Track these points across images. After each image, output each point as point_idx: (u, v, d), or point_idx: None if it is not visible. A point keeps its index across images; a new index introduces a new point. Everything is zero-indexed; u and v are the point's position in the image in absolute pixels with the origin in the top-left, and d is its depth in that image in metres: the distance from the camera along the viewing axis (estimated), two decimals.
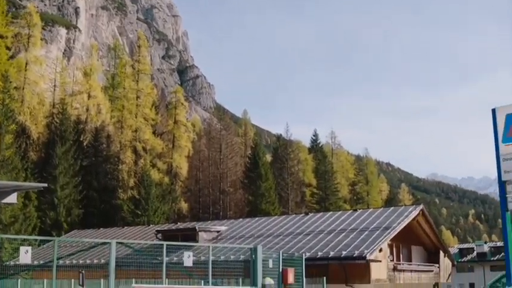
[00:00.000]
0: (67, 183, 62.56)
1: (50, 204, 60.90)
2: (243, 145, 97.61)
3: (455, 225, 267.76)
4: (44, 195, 60.12)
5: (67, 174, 62.61)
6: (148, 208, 65.12)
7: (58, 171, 61.44)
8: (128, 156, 71.44)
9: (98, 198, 67.99)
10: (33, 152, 66.96)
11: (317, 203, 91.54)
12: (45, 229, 58.55)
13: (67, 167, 62.75)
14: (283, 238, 37.79)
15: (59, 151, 61.76)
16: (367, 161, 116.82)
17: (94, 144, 71.65)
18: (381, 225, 36.22)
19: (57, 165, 61.33)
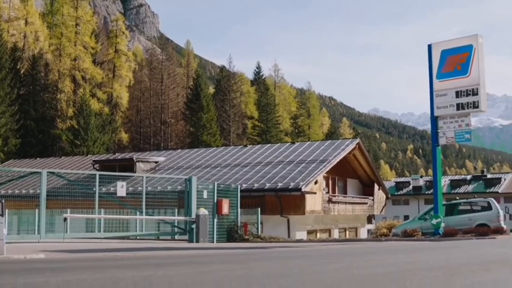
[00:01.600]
0: (3, 112, 60.96)
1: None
2: (185, 76, 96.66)
3: (394, 160, 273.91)
4: None
5: (3, 103, 60.94)
6: (87, 138, 64.28)
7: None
8: (67, 86, 69.80)
9: (36, 127, 66.58)
10: None
11: (259, 135, 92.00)
12: None
13: (3, 95, 61.02)
14: (221, 169, 37.98)
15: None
16: (309, 94, 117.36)
17: (31, 72, 69.65)
18: (318, 158, 36.70)
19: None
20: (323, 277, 6.44)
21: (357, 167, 41.71)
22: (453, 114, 25.02)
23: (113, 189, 29.90)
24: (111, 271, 7.67)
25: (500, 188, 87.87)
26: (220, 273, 7.18)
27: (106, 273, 7.48)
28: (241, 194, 30.09)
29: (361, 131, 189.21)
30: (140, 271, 7.42)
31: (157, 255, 12.53)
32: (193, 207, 24.80)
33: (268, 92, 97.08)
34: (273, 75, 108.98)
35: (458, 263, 8.76)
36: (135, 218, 24.80)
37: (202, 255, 12.20)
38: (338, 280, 5.86)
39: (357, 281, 5.83)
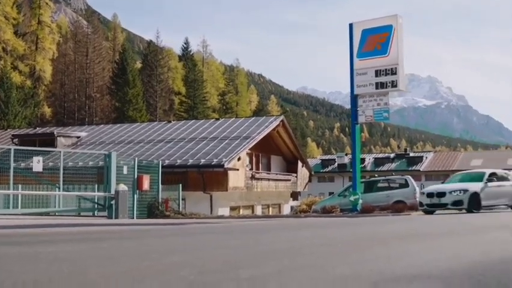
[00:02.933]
0: None
1: None
2: (111, 50, 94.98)
3: (321, 138, 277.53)
4: None
5: None
6: (8, 112, 62.54)
7: None
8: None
9: None
10: None
11: (186, 111, 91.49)
12: None
13: None
14: (144, 145, 37.60)
15: None
16: (238, 71, 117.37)
17: None
18: (242, 135, 36.78)
19: None
20: (222, 252, 6.42)
21: (281, 144, 42.03)
22: (372, 93, 25.42)
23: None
24: None
25: (421, 166, 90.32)
26: (113, 249, 7.08)
27: None
28: (164, 170, 29.86)
29: (289, 108, 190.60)
30: (32, 247, 7.24)
31: (65, 231, 12.29)
32: (112, 183, 24.43)
33: (196, 68, 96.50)
34: (201, 51, 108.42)
35: (360, 238, 8.92)
36: (52, 193, 24.29)
37: (111, 232, 12.04)
38: (236, 256, 5.85)
39: (255, 255, 5.83)
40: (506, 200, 23.36)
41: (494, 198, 22.68)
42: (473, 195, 21.71)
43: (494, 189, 22.72)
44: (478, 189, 22.03)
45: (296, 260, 5.41)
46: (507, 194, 23.23)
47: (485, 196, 22.08)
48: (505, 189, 23.25)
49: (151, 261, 5.19)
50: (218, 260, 5.34)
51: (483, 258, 5.53)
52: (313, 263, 5.14)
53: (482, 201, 21.85)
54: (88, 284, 3.93)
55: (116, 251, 6.70)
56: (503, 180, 23.77)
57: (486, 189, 22.27)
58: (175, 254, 6.17)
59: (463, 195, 21.65)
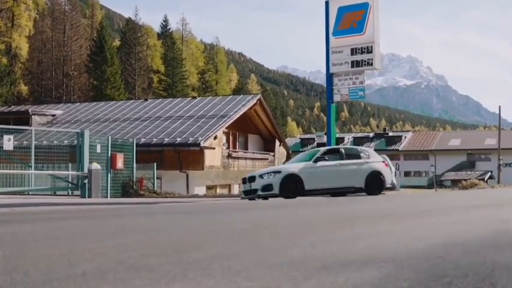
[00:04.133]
0: None
1: None
2: (89, 27, 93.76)
3: (301, 117, 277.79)
4: None
5: None
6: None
7: None
8: None
9: None
10: None
11: (164, 90, 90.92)
12: None
13: None
14: (120, 124, 37.27)
15: None
16: (217, 50, 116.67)
17: None
18: (218, 114, 36.56)
19: None
20: (176, 234, 6.27)
21: (259, 123, 41.88)
22: (348, 71, 25.30)
23: None
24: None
25: (400, 145, 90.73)
26: (61, 230, 6.89)
27: None
28: (140, 149, 29.68)
29: (269, 87, 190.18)
30: None
31: (28, 211, 12.05)
32: (85, 162, 24.16)
33: (175, 46, 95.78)
34: (180, 29, 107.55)
35: (323, 219, 8.79)
36: (24, 172, 23.96)
37: (73, 211, 11.83)
38: (188, 238, 5.68)
39: (207, 237, 5.66)
40: (353, 181, 19.53)
41: (330, 180, 19.01)
42: (288, 177, 18.36)
43: (330, 169, 19.20)
44: (297, 170, 18.72)
45: (248, 242, 5.25)
46: (353, 173, 19.56)
47: (312, 178, 18.61)
48: (350, 168, 19.61)
49: (97, 243, 5.01)
50: (167, 242, 5.18)
51: (446, 240, 5.40)
52: (264, 246, 4.98)
53: (306, 185, 18.49)
54: (18, 267, 3.72)
55: (64, 231, 6.51)
56: (354, 158, 20.12)
57: (313, 170, 18.84)
58: (126, 235, 5.99)
59: (273, 178, 18.34)
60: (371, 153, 21.15)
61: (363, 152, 21.05)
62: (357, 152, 20.90)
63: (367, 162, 20.08)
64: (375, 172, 19.87)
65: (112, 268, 3.70)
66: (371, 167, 19.97)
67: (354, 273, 3.62)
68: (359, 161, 20.06)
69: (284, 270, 3.67)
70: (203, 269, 3.69)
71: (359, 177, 19.61)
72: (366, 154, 20.70)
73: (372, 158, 20.63)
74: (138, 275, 3.48)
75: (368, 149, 22.22)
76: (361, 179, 19.61)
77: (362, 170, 19.74)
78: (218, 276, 3.45)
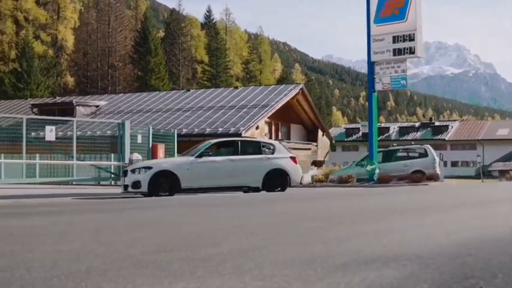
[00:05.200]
0: None
1: None
2: (133, 18, 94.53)
3: (347, 107, 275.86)
4: None
5: None
6: (30, 82, 62.82)
7: None
8: (9, 27, 67.62)
9: None
10: None
11: (208, 80, 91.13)
12: None
13: None
14: (162, 114, 37.39)
15: None
16: (261, 39, 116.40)
17: None
18: (260, 103, 36.36)
19: None
20: (192, 228, 6.09)
21: (301, 113, 41.55)
22: (389, 59, 24.81)
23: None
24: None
25: (447, 135, 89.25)
26: (92, 222, 6.80)
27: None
28: (181, 139, 29.70)
29: (314, 77, 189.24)
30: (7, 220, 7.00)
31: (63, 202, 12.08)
32: (126, 152, 24.19)
33: (218, 37, 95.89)
34: (224, 19, 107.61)
35: (359, 210, 8.53)
36: (65, 163, 24.19)
37: (101, 203, 11.81)
38: (203, 232, 5.50)
39: (223, 232, 5.48)
40: (247, 179, 17.34)
41: (215, 177, 16.81)
42: (159, 174, 16.26)
43: (215, 165, 16.95)
44: (172, 166, 16.67)
45: (268, 237, 5.06)
46: (247, 171, 17.22)
47: (192, 175, 16.42)
48: (244, 164, 17.25)
49: (113, 237, 4.89)
50: (184, 237, 5.02)
51: (480, 235, 5.12)
52: (285, 241, 4.77)
53: (182, 183, 16.34)
54: (22, 263, 3.60)
55: (84, 224, 6.42)
56: (253, 153, 17.72)
57: (193, 167, 16.56)
58: (145, 228, 5.86)
59: (143, 174, 16.26)
60: (277, 148, 18.45)
61: (267, 146, 18.35)
62: (258, 146, 18.21)
63: (268, 158, 17.68)
64: (278, 170, 17.58)
65: (119, 264, 3.57)
66: (273, 163, 17.64)
67: (373, 273, 3.40)
68: (258, 156, 17.62)
69: (299, 269, 3.47)
70: (213, 266, 3.53)
71: (255, 175, 17.26)
72: (270, 149, 18.10)
73: (278, 153, 18.07)
74: (143, 272, 3.32)
75: (276, 143, 19.15)
76: (258, 177, 17.28)
77: (260, 167, 17.41)
78: (227, 275, 3.27)
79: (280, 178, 17.61)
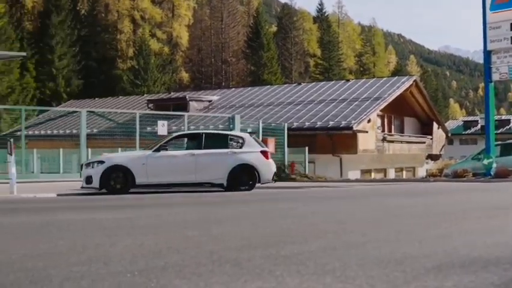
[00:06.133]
0: (64, 54, 61.87)
1: (49, 75, 60.49)
2: (246, 14, 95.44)
3: (465, 98, 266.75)
4: (43, 65, 59.68)
5: (64, 44, 61.76)
6: (147, 78, 64.76)
7: (55, 41, 60.56)
8: (127, 26, 70.06)
9: (97, 68, 67.44)
10: (28, 22, 65.68)
11: (321, 73, 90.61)
12: (45, 100, 58.49)
13: (64, 36, 61.77)
14: (273, 108, 37.43)
15: (54, 20, 60.53)
16: (374, 31, 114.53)
17: (91, 13, 70.14)
18: (372, 96, 35.67)
19: (54, 35, 60.35)
20: (287, 223, 5.91)
21: (415, 105, 40.38)
22: (507, 48, 23.49)
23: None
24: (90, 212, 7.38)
25: None
26: (185, 215, 6.76)
27: (87, 214, 7.17)
28: (292, 133, 29.65)
29: (430, 69, 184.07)
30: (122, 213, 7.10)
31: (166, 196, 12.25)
32: None
33: (330, 30, 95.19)
34: (336, 12, 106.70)
35: (464, 208, 8.06)
36: None
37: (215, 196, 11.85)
38: (296, 228, 5.31)
39: (314, 229, 5.27)
40: (209, 175, 15.76)
41: (174, 173, 15.38)
42: (112, 169, 14.98)
43: (174, 160, 15.58)
44: (125, 160, 15.33)
45: (364, 233, 4.80)
46: (210, 166, 15.69)
47: (147, 171, 15.11)
48: (206, 159, 15.72)
49: (200, 231, 4.80)
50: (272, 232, 4.86)
51: None
52: (379, 238, 4.50)
53: (137, 178, 15.03)
54: (103, 257, 3.57)
55: (176, 217, 6.38)
56: (219, 146, 16.08)
57: (149, 161, 15.20)
58: (236, 222, 5.74)
59: (95, 169, 15.04)
60: (247, 141, 16.67)
61: (235, 139, 16.73)
62: (225, 140, 16.62)
63: (234, 153, 16.07)
64: (245, 165, 15.96)
65: (198, 260, 3.46)
66: (240, 158, 16.01)
67: (467, 277, 3.10)
68: (222, 150, 16.01)
69: (386, 270, 3.23)
70: (295, 264, 3.35)
71: (218, 170, 15.73)
72: (239, 142, 16.51)
73: (247, 147, 16.42)
74: (220, 270, 3.20)
75: (246, 136, 17.28)
76: (222, 173, 15.74)
77: (225, 162, 15.80)
78: (307, 275, 3.09)
79: (247, 174, 15.98)
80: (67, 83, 62.13)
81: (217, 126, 33.01)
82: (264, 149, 16.79)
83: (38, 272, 3.08)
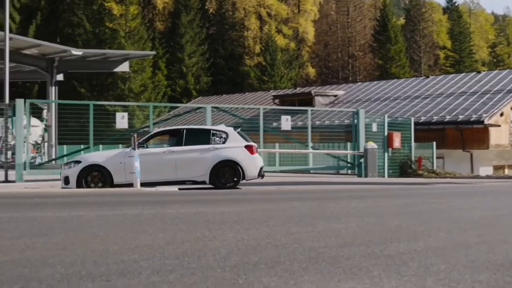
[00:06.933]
0: (193, 52, 63.59)
1: (179, 72, 62.43)
2: (372, 7, 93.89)
3: None
4: (173, 64, 61.73)
5: (193, 43, 63.48)
6: (273, 74, 65.27)
7: (185, 40, 62.37)
8: (253, 23, 70.88)
9: (225, 65, 68.74)
10: (159, 22, 68.04)
11: (451, 66, 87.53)
12: (176, 97, 60.40)
13: (193, 35, 63.49)
14: (400, 102, 36.59)
15: (184, 20, 62.33)
16: (509, 20, 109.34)
17: (218, 11, 71.59)
18: (505, 88, 34.03)
19: (184, 34, 62.18)
20: (397, 218, 5.65)
21: None
22: None
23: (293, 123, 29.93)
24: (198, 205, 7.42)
25: None
26: (292, 210, 6.63)
27: (195, 208, 7.22)
28: (419, 128, 28.87)
29: None
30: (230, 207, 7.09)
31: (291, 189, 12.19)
32: (361, 141, 24.04)
33: (461, 20, 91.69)
34: (467, 1, 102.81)
35: None
36: (298, 152, 24.69)
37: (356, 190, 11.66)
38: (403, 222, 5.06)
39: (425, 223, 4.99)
40: (189, 173, 15.02)
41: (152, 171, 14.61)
42: (88, 169, 14.54)
43: (152, 158, 14.88)
44: (102, 160, 14.73)
45: (476, 234, 4.48)
46: (190, 163, 14.96)
47: (126, 169, 14.37)
48: (186, 156, 15.05)
49: (305, 227, 4.67)
50: (380, 230, 4.63)
51: None
52: (492, 240, 4.18)
53: (115, 178, 14.49)
54: (198, 251, 3.52)
55: (278, 212, 6.25)
56: (200, 142, 15.41)
57: (127, 160, 14.45)
58: (342, 219, 5.54)
59: (73, 169, 14.61)
60: (231, 136, 15.73)
61: (218, 134, 15.75)
62: (207, 135, 15.74)
63: (216, 149, 15.27)
64: (228, 161, 15.18)
65: (294, 257, 3.34)
66: (222, 154, 15.22)
67: None
68: (203, 146, 15.33)
69: (497, 275, 2.98)
70: (396, 265, 3.15)
71: (199, 167, 15.02)
72: (221, 138, 15.64)
73: (231, 142, 15.58)
74: (315, 268, 3.06)
75: (229, 130, 16.08)
76: (203, 170, 15.01)
77: (207, 159, 15.11)
78: (406, 276, 2.89)
79: (230, 171, 15.20)
80: (196, 80, 63.81)
81: (342, 121, 32.73)
82: (249, 143, 15.79)
83: (129, 265, 3.08)
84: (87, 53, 30.25)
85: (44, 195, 10.74)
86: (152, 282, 2.73)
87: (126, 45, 51.14)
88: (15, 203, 8.67)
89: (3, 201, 8.98)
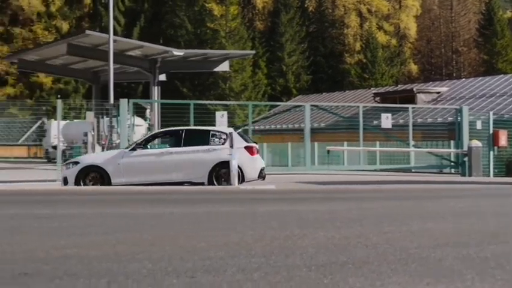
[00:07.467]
0: (293, 50, 63.69)
1: (279, 71, 62.71)
2: (477, 1, 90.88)
3: None
4: (273, 63, 62.10)
5: (293, 41, 63.59)
6: (374, 72, 64.41)
7: (284, 38, 62.57)
8: (353, 20, 70.17)
9: (325, 63, 68.43)
10: (259, 21, 68.52)
11: None
12: (276, 95, 60.70)
13: (293, 34, 63.59)
14: (507, 98, 35.19)
15: (284, 19, 62.55)
16: None
17: (318, 9, 71.37)
18: None
19: (283, 33, 62.39)
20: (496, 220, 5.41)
21: None
22: None
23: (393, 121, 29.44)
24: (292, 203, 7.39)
25: None
26: (401, 208, 6.48)
27: (289, 206, 7.21)
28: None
29: None
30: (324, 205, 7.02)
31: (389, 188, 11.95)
32: (464, 139, 23.33)
33: None
34: None
35: None
36: (399, 150, 24.22)
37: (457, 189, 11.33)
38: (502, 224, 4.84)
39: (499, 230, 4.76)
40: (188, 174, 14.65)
41: (150, 172, 14.55)
42: (87, 170, 14.46)
43: (150, 159, 14.77)
44: (100, 161, 14.76)
45: None
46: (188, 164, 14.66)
47: (123, 171, 14.44)
48: (184, 157, 14.75)
49: (397, 226, 4.53)
50: (478, 231, 4.44)
51: None
52: None
53: (113, 179, 14.39)
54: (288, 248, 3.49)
55: (369, 212, 6.10)
56: (199, 143, 15.08)
57: (125, 161, 14.52)
58: (438, 219, 5.35)
59: (71, 169, 14.57)
60: (231, 136, 15.21)
61: (217, 135, 15.38)
62: (206, 136, 15.40)
63: (215, 150, 14.90)
64: (227, 163, 14.55)
65: (384, 258, 3.26)
66: (221, 155, 14.77)
67: None
68: (202, 147, 14.99)
69: None
70: (492, 268, 3.02)
71: (198, 169, 14.68)
72: (221, 138, 15.24)
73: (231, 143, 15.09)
74: (404, 269, 2.97)
75: (230, 131, 15.67)
76: (202, 171, 14.67)
77: (205, 160, 14.76)
78: (501, 280, 2.80)
79: (229, 172, 14.56)
80: (296, 79, 63.88)
81: (445, 119, 31.87)
82: (249, 144, 15.49)
83: (215, 261, 3.10)
84: (188, 53, 30.93)
85: (139, 192, 11.07)
86: (237, 280, 2.73)
87: (227, 45, 51.83)
88: (118, 199, 8.96)
89: (105, 198, 9.30)
